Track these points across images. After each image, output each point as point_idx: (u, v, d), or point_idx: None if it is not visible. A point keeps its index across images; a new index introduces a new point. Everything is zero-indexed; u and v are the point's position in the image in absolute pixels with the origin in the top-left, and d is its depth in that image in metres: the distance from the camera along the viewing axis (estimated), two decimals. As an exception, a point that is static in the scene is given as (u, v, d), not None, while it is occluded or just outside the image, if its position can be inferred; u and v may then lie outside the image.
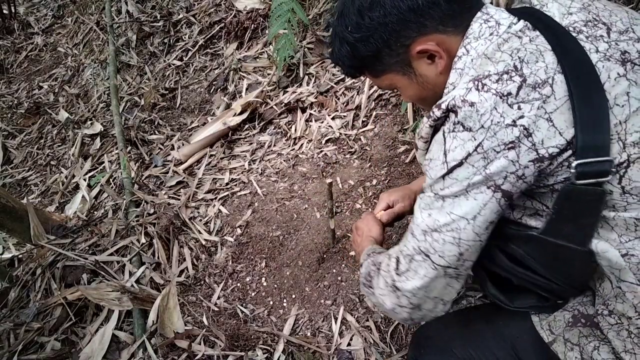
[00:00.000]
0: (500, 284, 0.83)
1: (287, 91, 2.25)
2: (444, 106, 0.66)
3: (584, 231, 0.65)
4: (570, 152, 0.61)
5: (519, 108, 0.60)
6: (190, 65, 2.77)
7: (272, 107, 2.20)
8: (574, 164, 0.60)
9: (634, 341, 0.64)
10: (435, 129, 0.69)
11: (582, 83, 0.60)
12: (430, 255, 0.71)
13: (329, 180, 1.32)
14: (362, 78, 2.09)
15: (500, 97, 0.61)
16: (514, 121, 0.60)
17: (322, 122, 2.06)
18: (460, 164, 0.65)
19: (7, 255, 1.86)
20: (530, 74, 0.61)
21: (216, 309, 1.44)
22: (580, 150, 0.60)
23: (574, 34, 0.64)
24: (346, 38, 0.77)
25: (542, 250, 0.71)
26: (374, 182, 1.75)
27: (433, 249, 0.70)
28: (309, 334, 1.33)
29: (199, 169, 2.07)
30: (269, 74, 2.39)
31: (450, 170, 0.66)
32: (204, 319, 1.40)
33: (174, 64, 2.81)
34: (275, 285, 1.50)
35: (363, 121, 2.00)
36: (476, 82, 0.63)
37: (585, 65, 0.61)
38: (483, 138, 0.62)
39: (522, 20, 0.67)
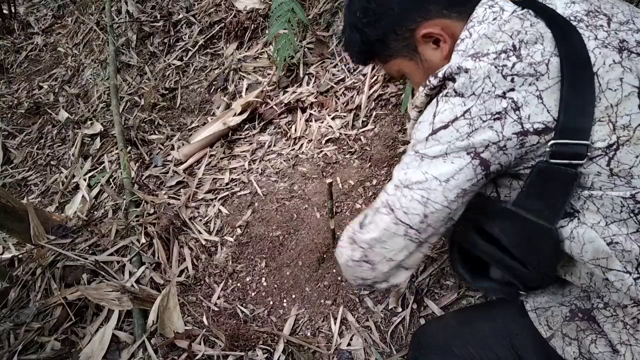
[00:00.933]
0: (473, 267, 0.88)
1: (287, 91, 2.25)
2: (440, 74, 0.68)
3: (554, 209, 0.66)
4: (554, 132, 0.62)
5: (512, 81, 0.61)
6: (190, 65, 2.77)
7: (272, 107, 2.20)
8: (549, 143, 0.62)
9: (629, 332, 0.65)
10: (431, 98, 0.71)
11: (575, 68, 0.61)
12: (394, 210, 0.70)
13: (329, 180, 1.32)
14: (362, 78, 2.09)
15: (495, 67, 0.62)
16: (504, 93, 0.62)
17: (322, 122, 2.06)
18: (445, 126, 0.66)
19: (7, 255, 1.86)
20: (527, 55, 0.62)
21: (216, 309, 1.44)
22: (559, 131, 0.61)
23: (574, 23, 0.65)
24: (355, 24, 0.81)
25: (515, 228, 0.71)
26: (374, 182, 1.75)
27: (399, 204, 0.70)
28: (309, 334, 1.33)
29: (199, 169, 2.07)
30: (269, 74, 2.39)
31: (434, 132, 0.67)
32: (204, 319, 1.40)
33: (174, 64, 2.81)
34: (275, 285, 1.50)
35: (363, 121, 2.00)
36: (474, 58, 0.65)
37: (581, 53, 0.62)
38: (472, 105, 0.63)
39: (525, 9, 0.69)
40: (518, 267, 0.75)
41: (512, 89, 0.61)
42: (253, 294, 1.49)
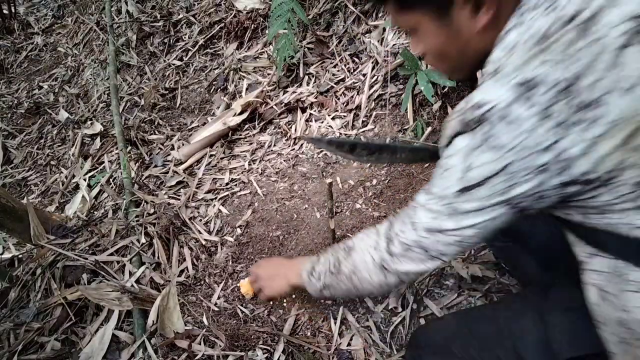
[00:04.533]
0: None
1: (287, 91, 2.25)
2: (480, 111, 0.58)
3: None
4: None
5: (557, 133, 0.54)
6: (190, 65, 2.77)
7: (272, 107, 2.20)
8: None
9: None
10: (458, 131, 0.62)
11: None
12: (430, 251, 0.71)
13: (329, 180, 1.32)
14: (362, 78, 2.09)
15: (542, 118, 0.54)
16: (550, 145, 0.55)
17: (322, 122, 2.06)
18: (479, 184, 0.61)
19: (7, 255, 1.86)
20: (580, 91, 0.53)
21: (216, 309, 1.44)
22: None
23: (626, 37, 0.52)
24: None
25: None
26: (374, 182, 1.75)
27: (435, 248, 0.70)
28: (309, 334, 1.33)
29: (199, 169, 2.07)
30: (269, 74, 2.39)
31: (467, 188, 0.62)
32: (204, 319, 1.40)
33: (174, 64, 2.81)
34: (275, 285, 1.50)
35: (363, 121, 2.00)
36: (524, 92, 0.55)
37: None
38: (512, 160, 0.57)
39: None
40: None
41: (557, 141, 0.55)
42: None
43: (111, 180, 2.19)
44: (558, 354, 0.75)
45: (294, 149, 2.02)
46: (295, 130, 2.09)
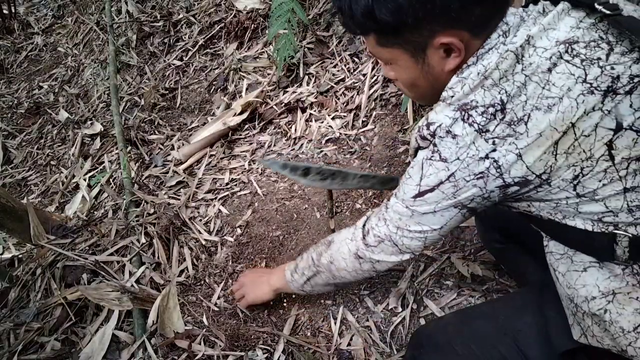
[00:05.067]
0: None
1: (287, 91, 2.25)
2: (431, 129, 0.70)
3: None
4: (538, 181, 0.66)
5: (493, 143, 0.65)
6: (190, 65, 2.77)
7: (272, 107, 2.20)
8: None
9: None
10: (417, 148, 0.75)
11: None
12: (398, 245, 0.84)
13: (329, 180, 1.31)
14: (362, 78, 2.09)
15: (480, 134, 0.65)
16: (486, 155, 0.65)
17: (322, 122, 2.06)
18: (431, 190, 0.72)
19: (7, 255, 1.86)
20: (511, 109, 0.64)
21: (216, 309, 1.44)
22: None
23: (568, 58, 0.62)
24: None
25: None
26: (374, 182, 1.75)
27: (402, 242, 0.83)
28: (309, 334, 1.33)
29: (199, 169, 2.07)
30: (269, 74, 2.39)
31: (421, 193, 0.74)
32: (204, 319, 1.40)
33: (174, 64, 2.81)
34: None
35: (363, 121, 2.00)
36: (462, 113, 0.67)
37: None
38: (456, 169, 0.68)
39: (528, 39, 0.64)
40: None
41: (494, 150, 0.65)
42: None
43: (111, 180, 2.19)
44: (557, 346, 0.76)
45: (294, 149, 2.02)
46: (296, 130, 2.09)
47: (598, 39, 0.63)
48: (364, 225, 0.92)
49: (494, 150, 0.65)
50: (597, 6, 0.64)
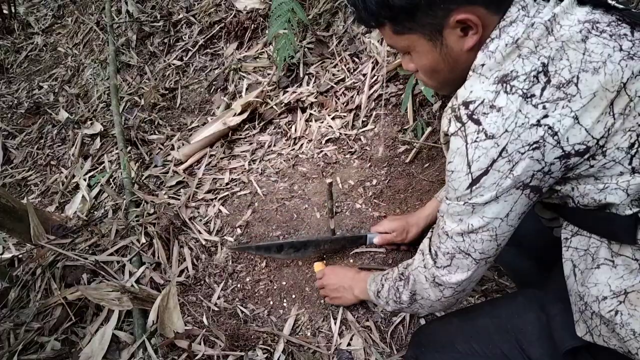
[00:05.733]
0: None
1: (287, 91, 2.25)
2: (470, 109, 0.65)
3: None
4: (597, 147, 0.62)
5: (544, 107, 0.61)
6: (190, 65, 2.77)
7: (272, 107, 2.20)
8: None
9: None
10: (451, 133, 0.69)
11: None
12: (471, 254, 0.76)
13: (329, 180, 1.32)
14: (362, 78, 2.09)
15: (525, 99, 0.62)
16: (538, 121, 0.61)
17: (322, 122, 2.06)
18: (486, 172, 0.66)
19: (7, 255, 1.86)
20: (555, 72, 0.61)
21: (216, 309, 1.44)
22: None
23: (596, 33, 0.63)
24: None
25: None
26: (374, 182, 1.75)
27: (473, 249, 0.75)
28: (309, 334, 1.33)
29: (199, 169, 2.06)
30: (269, 74, 2.39)
31: (476, 180, 0.67)
32: (204, 319, 1.40)
33: (174, 64, 2.80)
34: (276, 286, 1.50)
35: (363, 121, 2.00)
36: (504, 85, 0.64)
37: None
38: (507, 142, 0.63)
39: (553, 10, 0.65)
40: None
41: (546, 115, 0.61)
42: (253, 294, 1.49)
43: (111, 180, 2.19)
44: (559, 344, 0.75)
45: (294, 149, 2.02)
46: (296, 130, 2.09)
47: (617, 20, 0.64)
48: (430, 249, 0.84)
49: (546, 116, 0.61)
50: (610, 2, 0.65)
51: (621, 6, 0.64)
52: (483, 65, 0.67)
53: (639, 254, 0.66)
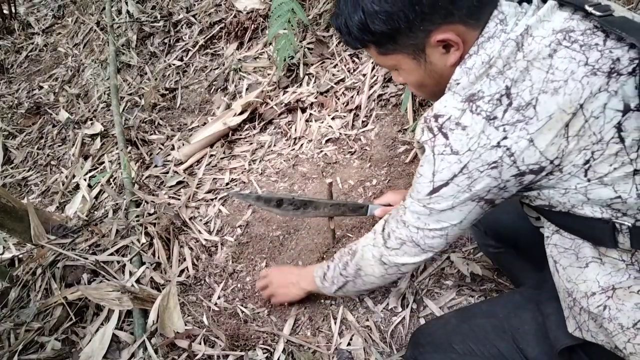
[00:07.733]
0: None
1: (287, 91, 2.25)
2: (438, 122, 0.70)
3: None
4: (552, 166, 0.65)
5: (504, 130, 0.64)
6: (191, 65, 2.77)
7: (272, 107, 2.20)
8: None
9: None
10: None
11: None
12: (420, 245, 0.83)
13: (329, 180, 1.32)
14: (362, 78, 2.09)
15: (488, 121, 0.65)
16: (498, 142, 0.65)
17: (322, 122, 2.07)
18: (446, 184, 0.71)
19: (7, 255, 1.86)
20: (517, 95, 0.64)
21: (216, 308, 1.44)
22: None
23: (567, 44, 0.64)
24: (364, 5, 0.69)
25: None
26: (374, 182, 1.76)
27: (424, 242, 0.82)
28: (309, 334, 1.33)
29: (199, 169, 2.07)
30: (269, 74, 2.39)
31: (436, 189, 0.73)
32: (204, 319, 1.40)
33: (174, 64, 2.81)
34: (275, 285, 1.50)
35: (363, 121, 2.00)
36: (470, 104, 0.67)
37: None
38: (469, 160, 0.67)
39: (525, 27, 0.66)
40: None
41: (505, 137, 0.65)
42: (253, 294, 1.49)
43: (111, 180, 2.19)
44: (554, 343, 0.76)
45: (294, 149, 2.02)
46: (296, 130, 2.09)
47: (593, 28, 0.64)
48: (383, 230, 0.91)
49: (505, 137, 0.64)
50: (587, 8, 0.65)
51: (598, 13, 0.64)
52: (458, 83, 0.70)
53: (625, 255, 0.68)
